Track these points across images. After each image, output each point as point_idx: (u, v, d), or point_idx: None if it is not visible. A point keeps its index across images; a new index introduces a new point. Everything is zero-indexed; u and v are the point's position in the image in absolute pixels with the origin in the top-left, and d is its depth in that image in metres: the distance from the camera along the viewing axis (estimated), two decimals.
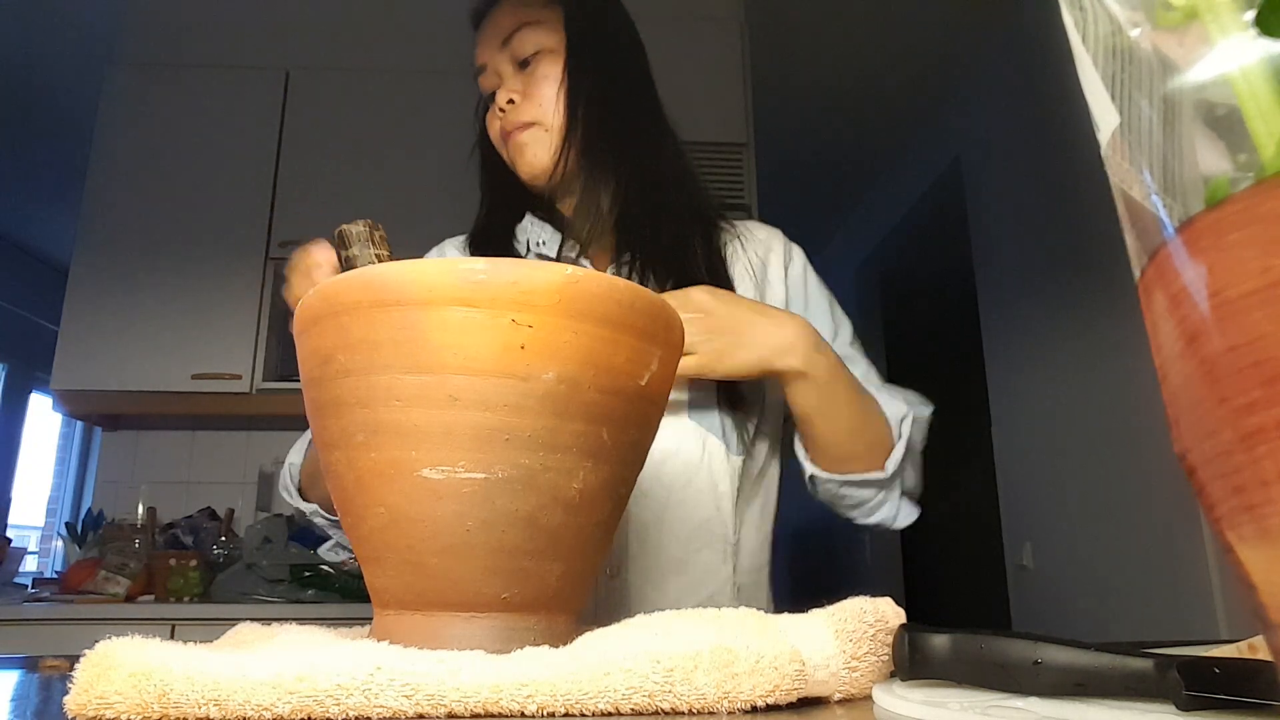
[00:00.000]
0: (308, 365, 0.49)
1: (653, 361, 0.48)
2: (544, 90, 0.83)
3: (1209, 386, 0.17)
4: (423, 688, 0.36)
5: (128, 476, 2.58)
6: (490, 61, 0.86)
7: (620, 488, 0.50)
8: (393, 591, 0.47)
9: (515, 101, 0.84)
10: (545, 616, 0.47)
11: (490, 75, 0.86)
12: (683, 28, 2.52)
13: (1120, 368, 2.22)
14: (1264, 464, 0.16)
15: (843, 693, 0.43)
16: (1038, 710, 0.35)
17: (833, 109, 3.33)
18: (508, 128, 0.84)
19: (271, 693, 0.35)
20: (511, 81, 0.84)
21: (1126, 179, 0.21)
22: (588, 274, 0.45)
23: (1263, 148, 0.18)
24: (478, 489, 0.44)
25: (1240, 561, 0.18)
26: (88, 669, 0.36)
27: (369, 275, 0.45)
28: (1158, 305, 0.19)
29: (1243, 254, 0.16)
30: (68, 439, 4.68)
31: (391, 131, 2.56)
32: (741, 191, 2.44)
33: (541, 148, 0.84)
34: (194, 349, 2.39)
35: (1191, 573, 1.95)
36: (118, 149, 2.51)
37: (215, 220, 2.47)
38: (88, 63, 2.71)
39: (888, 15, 2.78)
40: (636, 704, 0.37)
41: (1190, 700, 0.31)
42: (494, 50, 0.85)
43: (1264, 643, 0.21)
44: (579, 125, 0.83)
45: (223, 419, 2.58)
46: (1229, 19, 0.18)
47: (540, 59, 0.84)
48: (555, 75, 0.83)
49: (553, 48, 0.84)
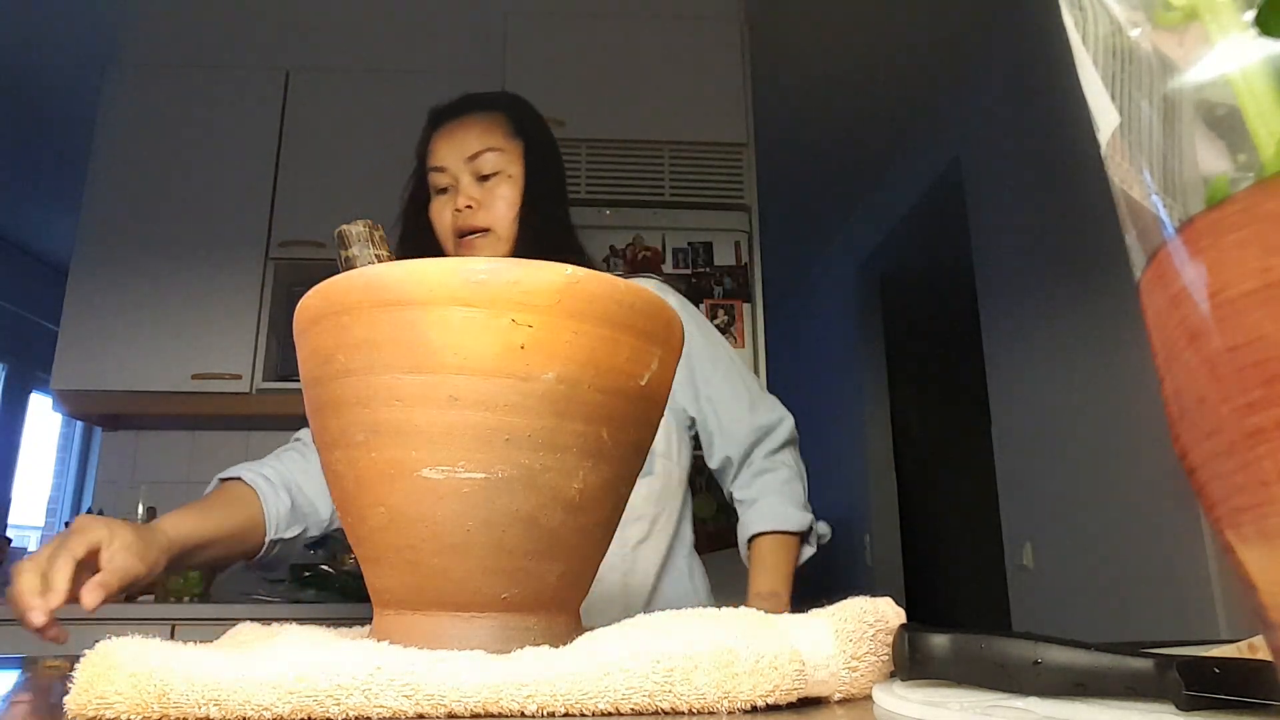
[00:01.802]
0: (308, 365, 0.49)
1: (653, 361, 0.48)
2: (499, 206, 1.00)
3: (1209, 386, 0.17)
4: (423, 688, 0.36)
5: (128, 476, 2.58)
6: (450, 167, 1.01)
7: (620, 487, 0.50)
8: (393, 591, 0.47)
9: (473, 208, 0.99)
10: (545, 616, 0.47)
11: (447, 177, 1.02)
12: (683, 28, 2.52)
13: (1120, 368, 2.22)
14: (1264, 464, 0.16)
15: (843, 693, 0.43)
16: (1038, 710, 0.35)
17: (833, 109, 3.33)
18: (463, 228, 1.00)
19: (271, 693, 0.35)
20: (470, 189, 1.00)
21: (1126, 179, 0.21)
22: (588, 274, 0.45)
23: (1263, 148, 0.18)
24: (478, 489, 0.44)
25: (1240, 561, 0.18)
26: (88, 669, 0.36)
27: (369, 275, 0.45)
28: (1158, 305, 0.19)
29: (1243, 254, 0.16)
30: (68, 439, 4.68)
31: (391, 131, 2.56)
32: (741, 191, 2.44)
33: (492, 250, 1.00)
34: (194, 349, 2.38)
35: (1191, 573, 1.95)
36: (118, 149, 2.51)
37: (215, 220, 2.47)
38: (88, 63, 2.71)
39: (888, 15, 2.78)
40: (636, 704, 0.37)
41: (1190, 700, 0.31)
42: (456, 160, 1.01)
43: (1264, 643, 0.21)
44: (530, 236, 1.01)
45: (223, 419, 2.57)
46: (1229, 19, 0.18)
47: (499, 180, 1.01)
48: (509, 196, 1.01)
49: (510, 173, 1.01)
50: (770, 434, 1.07)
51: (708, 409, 1.07)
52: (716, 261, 2.38)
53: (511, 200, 1.01)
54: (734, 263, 2.39)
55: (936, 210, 3.47)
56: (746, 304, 2.35)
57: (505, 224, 1.00)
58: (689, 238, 2.37)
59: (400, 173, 1.10)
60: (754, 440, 1.07)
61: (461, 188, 1.01)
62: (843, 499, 4.36)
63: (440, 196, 1.03)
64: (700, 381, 1.08)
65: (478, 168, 1.01)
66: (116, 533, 0.69)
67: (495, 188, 1.01)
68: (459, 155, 1.01)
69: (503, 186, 1.01)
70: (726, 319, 2.32)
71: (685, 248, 2.37)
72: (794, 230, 4.38)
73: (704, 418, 1.08)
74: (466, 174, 1.01)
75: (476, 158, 1.00)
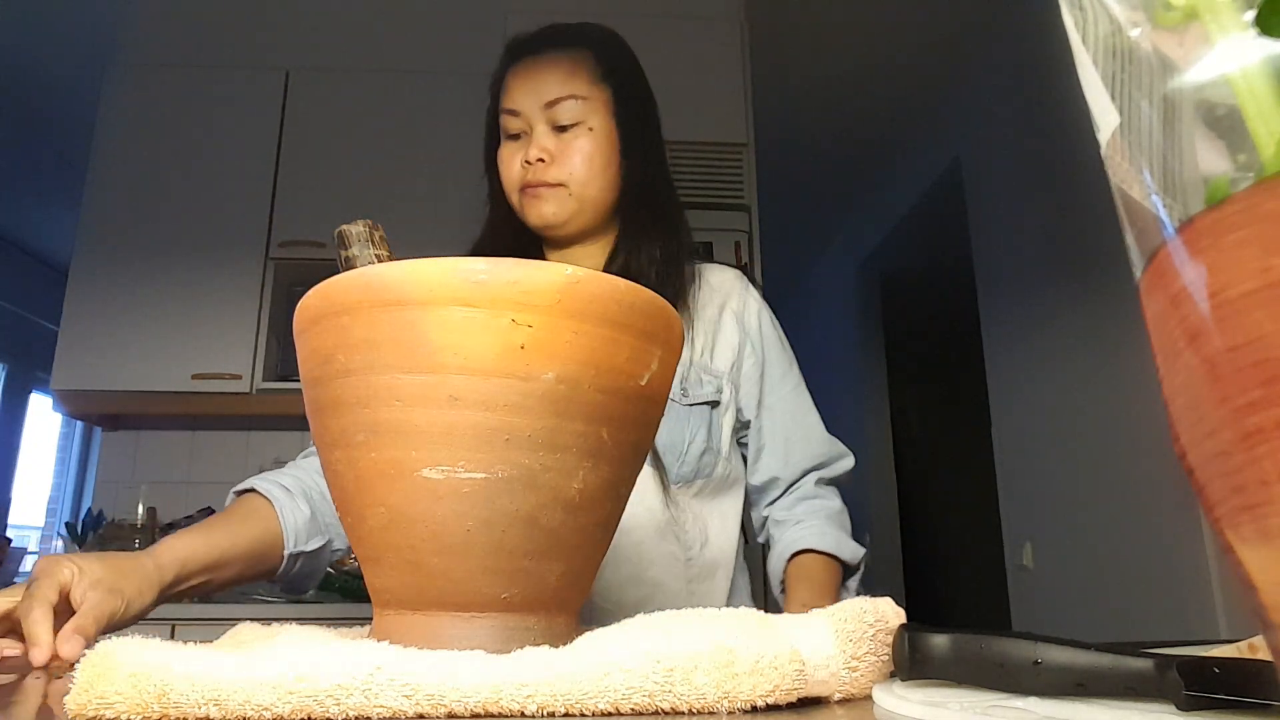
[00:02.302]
0: (308, 365, 0.49)
1: (653, 361, 0.48)
2: (575, 160, 0.90)
3: (1209, 386, 0.17)
4: (423, 688, 0.36)
5: (128, 476, 2.58)
6: (526, 113, 0.91)
7: (620, 488, 0.50)
8: (393, 591, 0.47)
9: (545, 161, 0.90)
10: (545, 616, 0.47)
11: (520, 122, 0.92)
12: (683, 28, 2.52)
13: (1120, 368, 2.22)
14: (1264, 464, 0.16)
15: (843, 693, 0.43)
16: (1038, 710, 0.35)
17: (833, 109, 3.33)
18: (532, 180, 0.90)
19: (271, 693, 0.35)
20: (544, 139, 0.90)
21: (1126, 179, 0.21)
22: (588, 274, 0.45)
23: (1263, 148, 0.18)
24: (478, 489, 0.44)
25: (1240, 561, 0.18)
26: (88, 669, 0.36)
27: (369, 275, 0.45)
28: (1157, 305, 0.19)
29: (1243, 254, 0.16)
30: (68, 439, 4.68)
31: (391, 131, 2.56)
32: (741, 191, 2.44)
33: (560, 207, 0.91)
34: (194, 349, 2.39)
35: (1191, 573, 1.95)
36: (118, 149, 2.51)
37: (215, 220, 2.47)
38: (88, 62, 2.71)
39: (888, 15, 2.78)
40: (636, 704, 0.37)
41: (1190, 700, 0.31)
42: (533, 106, 0.91)
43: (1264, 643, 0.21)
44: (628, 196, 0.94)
45: (223, 419, 2.58)
46: (1229, 19, 0.18)
47: (578, 132, 0.91)
48: (587, 150, 0.90)
49: (592, 125, 0.91)
50: (830, 465, 0.99)
51: (766, 419, 0.98)
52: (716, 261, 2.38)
53: (589, 155, 0.90)
54: (734, 263, 2.39)
55: (936, 210, 3.47)
56: None
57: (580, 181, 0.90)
58: None
59: (400, 173, 1.10)
60: (810, 466, 0.98)
61: (535, 137, 0.91)
62: (843, 499, 4.35)
63: (511, 142, 0.93)
64: (768, 389, 0.99)
65: (555, 116, 0.90)
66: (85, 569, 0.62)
67: (573, 140, 0.91)
68: (535, 100, 0.91)
69: (581, 139, 0.91)
70: None
71: None
72: (794, 230, 4.38)
73: (759, 427, 0.98)
74: (542, 121, 0.91)
75: (555, 105, 0.90)
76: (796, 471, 0.98)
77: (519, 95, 0.92)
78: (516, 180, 0.92)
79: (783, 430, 0.98)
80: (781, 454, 0.97)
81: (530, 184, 0.90)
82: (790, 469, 0.97)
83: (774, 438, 0.98)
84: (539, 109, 0.91)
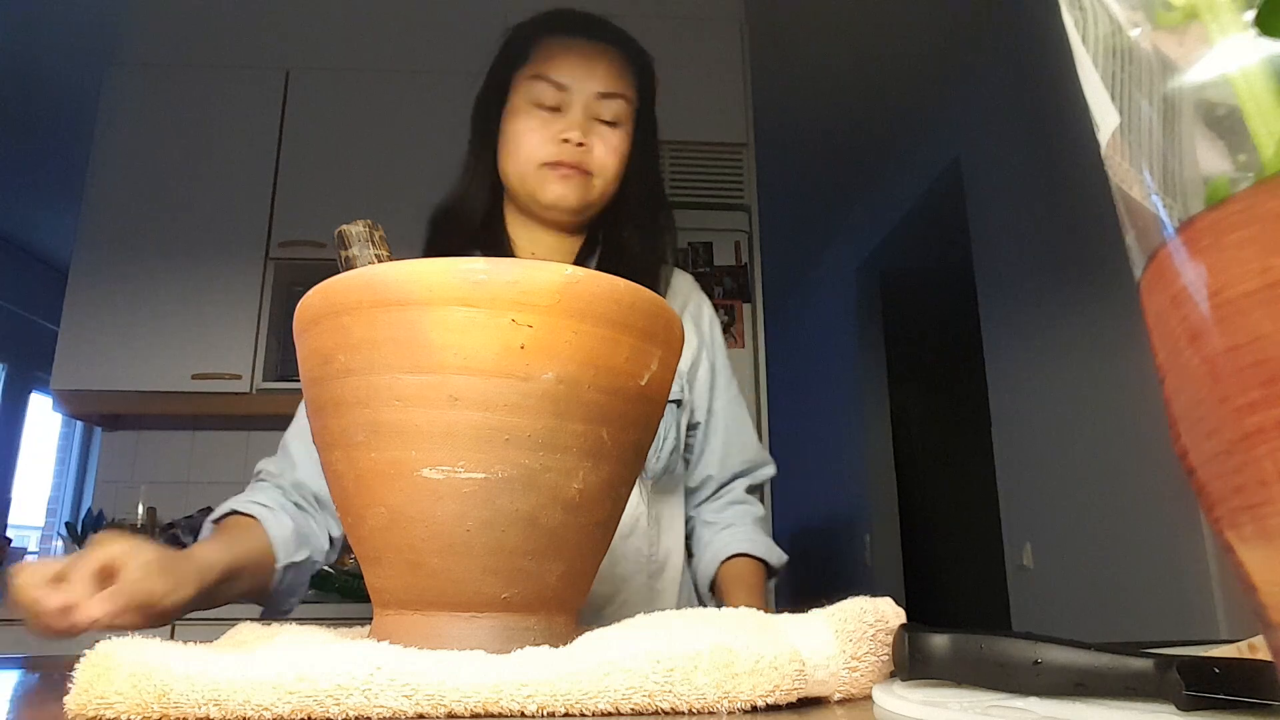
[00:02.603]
0: (308, 365, 0.49)
1: (653, 361, 0.48)
2: (611, 158, 0.91)
3: (1209, 386, 0.17)
4: (423, 688, 0.36)
5: (128, 476, 2.58)
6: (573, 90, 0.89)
7: (620, 488, 0.50)
8: (393, 591, 0.47)
9: (585, 146, 0.89)
10: (545, 616, 0.47)
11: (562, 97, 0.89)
12: (683, 28, 2.52)
13: (1120, 368, 2.22)
14: (1264, 464, 0.16)
15: (843, 693, 0.43)
16: (1038, 710, 0.35)
17: (833, 109, 3.33)
18: (568, 160, 0.88)
19: (271, 693, 0.35)
20: (588, 126, 0.89)
21: (1126, 179, 0.21)
22: (588, 274, 0.45)
23: (1263, 148, 0.18)
24: (478, 489, 0.44)
25: (1240, 561, 0.18)
26: (88, 669, 0.36)
27: (369, 275, 0.45)
28: (1158, 305, 0.19)
29: (1243, 254, 0.16)
30: (68, 439, 4.68)
31: (391, 131, 2.56)
32: (741, 191, 2.44)
33: (583, 195, 0.90)
34: (194, 349, 2.38)
35: (1191, 573, 1.95)
36: (118, 149, 2.51)
37: (215, 220, 2.47)
38: (89, 62, 2.71)
39: (888, 15, 2.78)
40: (636, 704, 0.37)
41: (1190, 700, 0.31)
42: (584, 88, 0.89)
43: (1264, 643, 0.21)
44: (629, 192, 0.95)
45: (223, 419, 2.57)
46: (1229, 19, 0.18)
47: (618, 130, 0.91)
48: (622, 151, 0.92)
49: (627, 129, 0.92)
50: (756, 471, 1.04)
51: (712, 423, 1.02)
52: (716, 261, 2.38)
53: (622, 156, 0.91)
54: (734, 263, 2.39)
55: (936, 210, 3.47)
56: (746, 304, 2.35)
57: (607, 179, 0.91)
58: (689, 238, 2.38)
59: (400, 173, 1.09)
60: (740, 471, 1.03)
61: (575, 118, 0.88)
62: (843, 499, 4.36)
63: (539, 111, 0.89)
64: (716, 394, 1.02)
65: (601, 109, 0.89)
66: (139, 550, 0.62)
67: (609, 137, 0.90)
68: (588, 84, 0.89)
69: (616, 138, 0.90)
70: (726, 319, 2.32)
71: (685, 248, 2.37)
72: (794, 230, 4.38)
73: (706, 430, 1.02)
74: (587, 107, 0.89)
75: (606, 98, 0.89)
76: (728, 475, 1.02)
77: (570, 70, 0.89)
78: (545, 153, 0.89)
79: (723, 435, 1.02)
80: (719, 457, 1.02)
81: (565, 163, 0.88)
82: (724, 472, 1.02)
83: (715, 441, 1.02)
84: (590, 94, 0.89)
